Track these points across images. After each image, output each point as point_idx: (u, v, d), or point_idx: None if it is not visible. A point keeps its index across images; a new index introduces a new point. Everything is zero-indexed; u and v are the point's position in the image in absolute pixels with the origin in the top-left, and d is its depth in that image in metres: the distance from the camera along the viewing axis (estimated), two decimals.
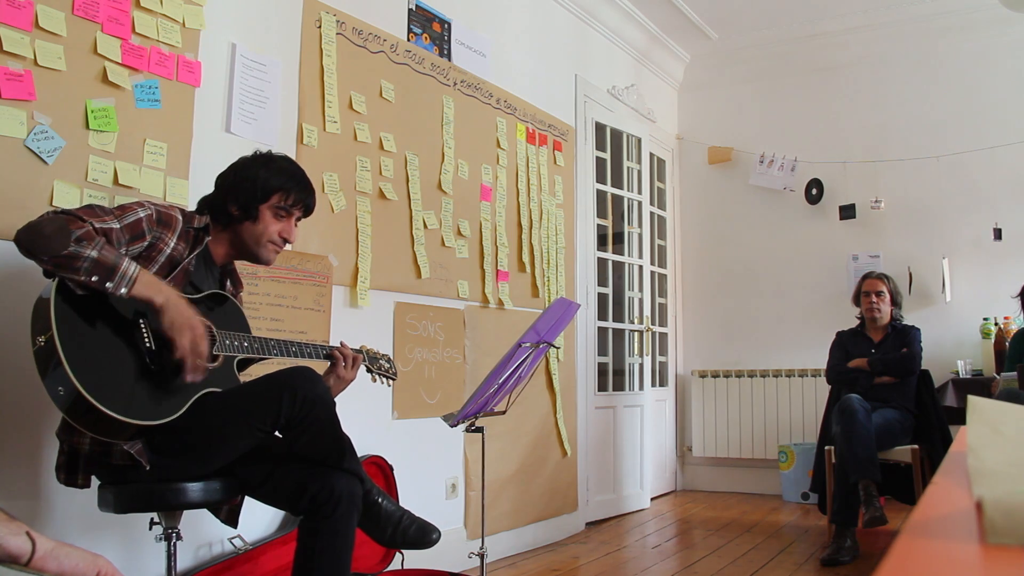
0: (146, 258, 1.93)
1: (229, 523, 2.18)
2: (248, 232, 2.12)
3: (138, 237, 1.90)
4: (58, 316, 1.73)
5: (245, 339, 2.06)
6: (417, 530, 2.12)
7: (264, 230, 2.12)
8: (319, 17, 3.10)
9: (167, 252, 1.97)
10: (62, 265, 1.71)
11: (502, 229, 4.02)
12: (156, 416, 1.82)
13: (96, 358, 1.77)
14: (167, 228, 1.97)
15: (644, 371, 5.23)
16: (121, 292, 1.75)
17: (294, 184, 2.16)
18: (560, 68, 4.71)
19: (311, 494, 1.95)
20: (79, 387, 1.68)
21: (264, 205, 2.11)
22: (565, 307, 2.66)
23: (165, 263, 1.97)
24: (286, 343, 2.15)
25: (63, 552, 1.26)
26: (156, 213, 1.95)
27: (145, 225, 1.91)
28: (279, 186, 2.12)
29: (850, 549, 3.60)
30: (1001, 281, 4.95)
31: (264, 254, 2.15)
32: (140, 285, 1.78)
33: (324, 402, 1.99)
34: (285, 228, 2.16)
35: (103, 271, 1.73)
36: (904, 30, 5.44)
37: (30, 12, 2.18)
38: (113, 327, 1.84)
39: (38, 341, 1.73)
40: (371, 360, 2.40)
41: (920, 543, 0.54)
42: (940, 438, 4.01)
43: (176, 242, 1.99)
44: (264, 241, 2.13)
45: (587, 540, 4.26)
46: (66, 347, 1.70)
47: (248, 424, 1.93)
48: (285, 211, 2.15)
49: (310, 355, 2.20)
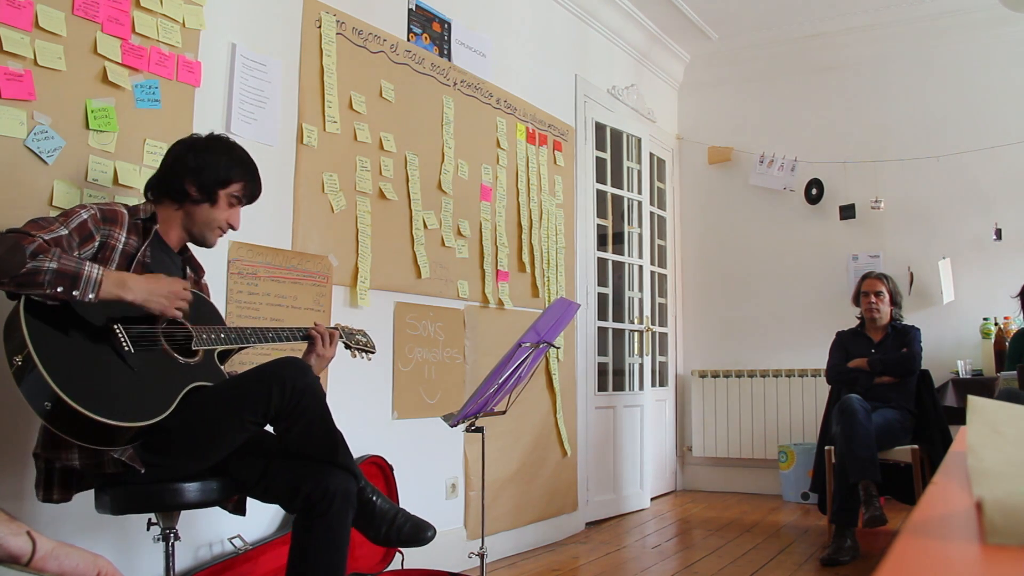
0: (102, 259, 1.92)
1: (237, 512, 2.18)
2: (202, 214, 2.13)
3: (87, 239, 1.89)
4: (31, 331, 1.70)
5: (221, 331, 2.07)
6: (412, 528, 2.12)
7: (218, 215, 2.14)
8: (319, 17, 3.10)
9: (120, 248, 1.96)
10: (24, 283, 1.69)
11: (502, 229, 4.02)
12: (146, 416, 1.81)
13: (76, 367, 1.75)
14: (114, 224, 1.97)
15: (644, 371, 5.23)
16: (89, 298, 1.74)
17: (252, 177, 2.20)
18: (560, 68, 4.71)
19: (305, 492, 1.94)
20: (67, 399, 1.66)
21: (223, 190, 2.13)
22: (565, 307, 2.66)
23: (121, 260, 1.96)
24: (262, 330, 2.16)
25: (63, 552, 1.26)
26: (99, 212, 1.95)
27: (91, 225, 1.90)
28: (241, 176, 2.16)
29: (850, 549, 3.60)
30: (1001, 281, 4.95)
31: (211, 238, 2.18)
32: (107, 285, 1.78)
33: (314, 391, 1.99)
34: (233, 215, 2.19)
35: (67, 280, 1.72)
36: (904, 30, 5.44)
37: (30, 12, 2.18)
38: (88, 335, 1.82)
39: (15, 361, 1.71)
40: (347, 336, 2.41)
41: (920, 543, 0.54)
42: (940, 438, 4.01)
43: (127, 236, 1.98)
44: (214, 226, 2.16)
45: (587, 540, 4.26)
46: (45, 362, 1.68)
47: (239, 416, 1.92)
48: (238, 200, 2.18)
49: (287, 338, 2.21)
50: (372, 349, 2.50)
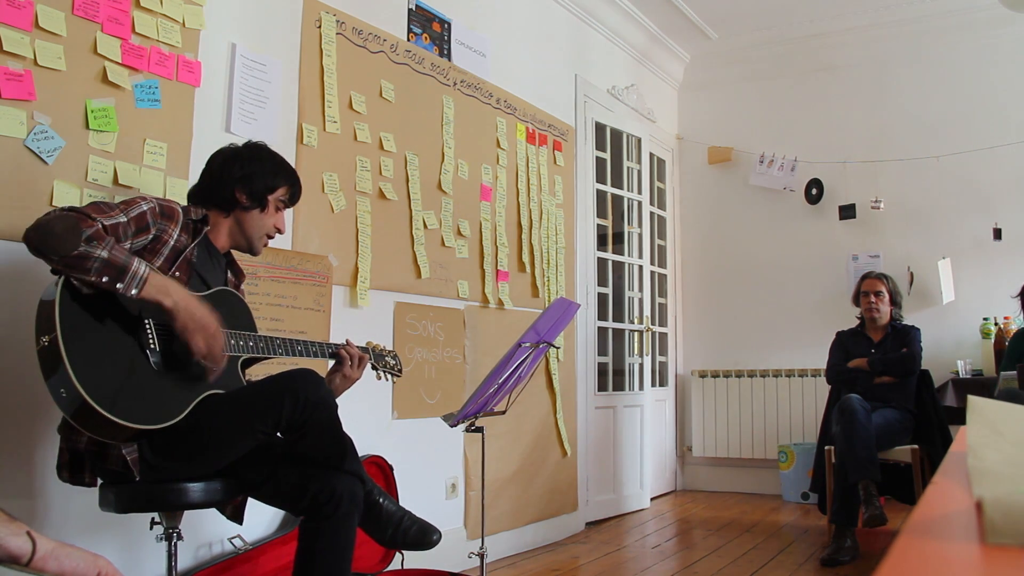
0: (151, 251, 1.94)
1: (234, 519, 2.18)
2: (253, 221, 2.15)
3: (143, 230, 1.91)
4: (62, 317, 1.72)
5: (250, 338, 2.06)
6: (418, 531, 2.12)
7: (269, 221, 2.17)
8: (319, 17, 3.10)
9: (171, 244, 1.98)
10: (73, 265, 1.70)
11: (502, 229, 4.02)
12: (158, 420, 1.82)
13: (99, 360, 1.77)
14: (170, 220, 1.99)
15: (644, 371, 5.23)
16: (132, 293, 1.75)
17: (295, 180, 2.23)
18: (560, 68, 4.71)
19: (312, 494, 1.94)
20: (81, 391, 1.68)
21: (272, 196, 2.16)
22: (565, 307, 2.66)
23: (170, 255, 1.98)
24: (291, 342, 2.14)
25: (64, 552, 1.26)
26: (158, 206, 1.97)
27: (150, 218, 1.93)
28: (286, 180, 2.19)
29: (850, 549, 3.60)
30: (1001, 281, 4.95)
31: (259, 245, 2.21)
32: (150, 287, 1.78)
33: (326, 405, 1.98)
34: (280, 219, 2.22)
35: (114, 271, 1.73)
36: (904, 30, 5.44)
37: (30, 12, 2.18)
38: (117, 327, 1.84)
39: (42, 341, 1.73)
40: (377, 358, 2.39)
41: (920, 543, 0.54)
42: (940, 438, 4.01)
43: (179, 233, 2.00)
44: (264, 232, 2.18)
45: (587, 540, 4.26)
46: (69, 349, 1.70)
47: (250, 426, 1.93)
48: (284, 204, 2.21)
49: (315, 354, 2.19)
50: (399, 372, 2.47)
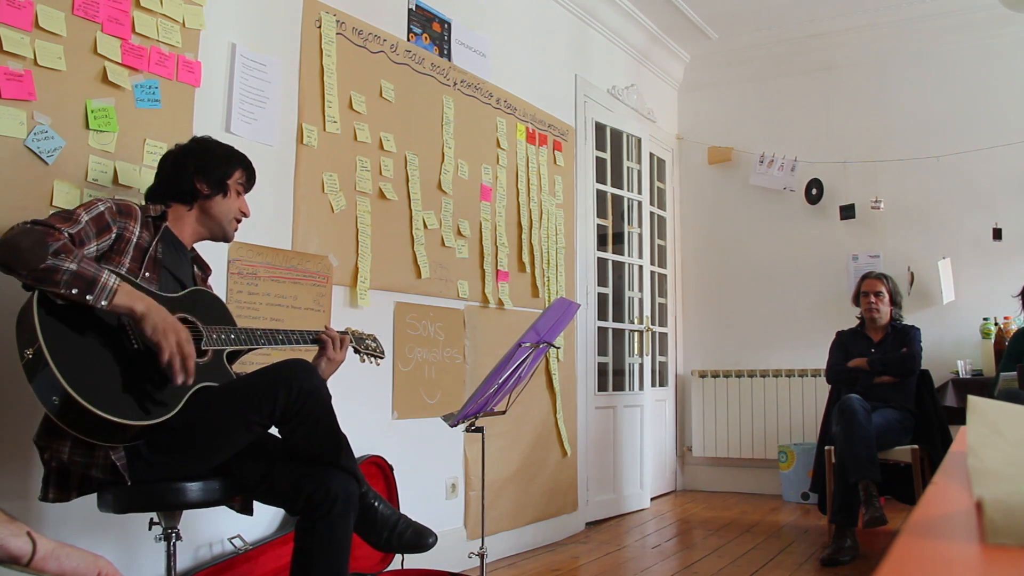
0: (117, 250, 1.94)
1: (244, 512, 2.19)
2: (219, 207, 2.19)
3: (104, 229, 1.92)
4: (43, 326, 1.73)
5: (232, 331, 2.08)
6: (413, 534, 2.12)
7: (232, 205, 2.21)
8: (319, 17, 3.10)
9: (134, 241, 1.99)
10: (41, 279, 1.71)
11: (502, 229, 4.02)
12: (152, 415, 1.82)
13: (86, 363, 1.77)
14: (129, 217, 1.99)
15: (644, 371, 5.23)
16: (101, 304, 1.76)
17: (248, 163, 2.27)
18: (560, 68, 4.71)
19: (307, 493, 1.95)
20: (74, 395, 1.68)
21: (230, 180, 2.20)
22: (565, 307, 2.66)
23: (136, 253, 1.98)
24: (272, 332, 2.16)
25: (64, 553, 1.26)
26: (115, 205, 1.98)
27: (108, 217, 1.93)
28: (238, 164, 2.23)
29: (850, 549, 3.60)
30: (1001, 281, 4.95)
31: (230, 230, 2.24)
32: (120, 296, 1.78)
33: (320, 394, 2.00)
34: (243, 203, 2.26)
35: (83, 283, 1.73)
36: (904, 30, 5.44)
37: (30, 12, 2.18)
38: (99, 331, 1.84)
39: (26, 354, 1.73)
40: (357, 341, 2.43)
41: (920, 543, 0.54)
42: (940, 438, 4.01)
43: (140, 230, 2.01)
44: (231, 216, 2.22)
45: (587, 540, 4.26)
46: (55, 356, 1.70)
47: (245, 417, 1.93)
48: (243, 187, 2.25)
49: (297, 341, 2.22)
50: (381, 354, 2.51)
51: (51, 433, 1.83)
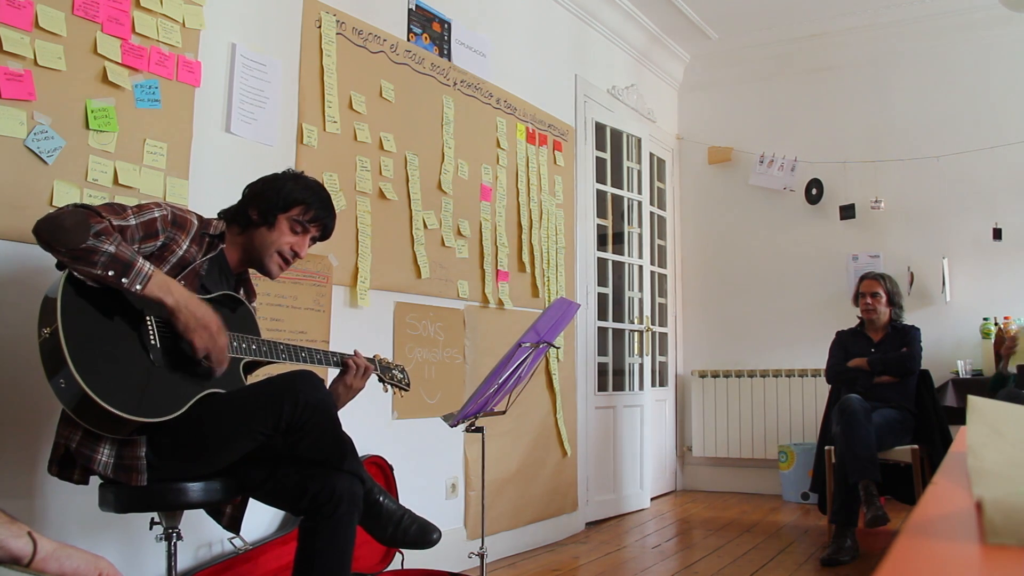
0: (158, 257, 1.95)
1: (231, 529, 2.17)
2: (261, 238, 2.14)
3: (151, 236, 1.92)
4: (64, 309, 1.74)
5: (254, 342, 2.07)
6: (418, 530, 2.12)
7: (276, 239, 2.14)
8: (319, 17, 3.10)
9: (179, 253, 1.99)
10: (79, 258, 1.73)
11: (502, 229, 4.02)
12: (156, 414, 1.82)
13: (100, 353, 1.78)
14: (181, 230, 1.99)
15: (644, 371, 5.23)
16: (136, 288, 1.78)
17: (317, 201, 2.18)
18: (560, 68, 4.71)
19: (312, 494, 1.94)
20: (80, 381, 1.69)
21: (283, 215, 2.14)
22: (565, 307, 2.66)
23: (176, 264, 1.98)
24: (295, 348, 2.15)
25: (64, 553, 1.26)
26: (171, 214, 1.98)
27: (159, 225, 1.94)
28: (302, 199, 2.16)
29: (850, 549, 3.60)
30: (1001, 281, 4.95)
31: (270, 264, 2.16)
32: (153, 284, 1.80)
33: (325, 407, 1.98)
34: (298, 243, 2.17)
35: (119, 266, 1.76)
36: (904, 30, 5.44)
37: (30, 12, 2.18)
38: (119, 323, 1.85)
39: (43, 333, 1.75)
40: (383, 370, 2.39)
41: (920, 543, 0.54)
42: (940, 438, 4.01)
43: (189, 244, 2.01)
44: (272, 251, 2.14)
45: (587, 540, 4.26)
46: (69, 340, 1.71)
47: (248, 427, 1.93)
48: (301, 225, 2.17)
49: (320, 361, 2.19)
50: (406, 386, 2.46)
51: (66, 420, 1.85)
